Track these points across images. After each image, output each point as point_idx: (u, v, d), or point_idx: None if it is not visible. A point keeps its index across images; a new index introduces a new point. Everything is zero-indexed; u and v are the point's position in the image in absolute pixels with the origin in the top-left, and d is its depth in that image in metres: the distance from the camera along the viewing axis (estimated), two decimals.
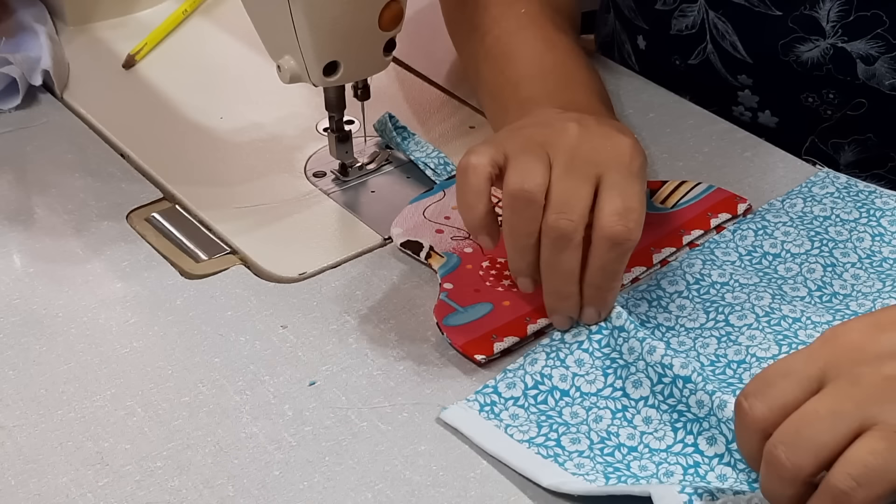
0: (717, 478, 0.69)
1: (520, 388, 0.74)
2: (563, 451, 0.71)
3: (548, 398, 0.74)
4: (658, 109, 1.01)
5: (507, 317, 0.79)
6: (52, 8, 1.14)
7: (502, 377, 0.75)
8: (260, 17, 0.87)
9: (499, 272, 0.83)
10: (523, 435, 0.72)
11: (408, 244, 0.86)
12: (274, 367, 0.77)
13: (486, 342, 0.77)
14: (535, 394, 0.74)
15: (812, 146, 1.02)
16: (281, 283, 0.84)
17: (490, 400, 0.74)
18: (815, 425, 0.59)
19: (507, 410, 0.73)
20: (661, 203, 0.89)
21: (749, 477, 0.69)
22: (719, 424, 0.71)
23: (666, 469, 0.70)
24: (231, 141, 1.00)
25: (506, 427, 0.72)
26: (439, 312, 0.80)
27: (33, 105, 1.04)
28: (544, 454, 0.71)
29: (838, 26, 0.95)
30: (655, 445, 0.71)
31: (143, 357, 0.78)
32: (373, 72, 0.89)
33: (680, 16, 1.04)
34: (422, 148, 0.95)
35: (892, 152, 1.00)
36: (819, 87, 0.99)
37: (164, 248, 0.88)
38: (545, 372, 0.75)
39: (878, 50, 0.94)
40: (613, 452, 0.71)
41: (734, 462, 0.69)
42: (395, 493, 0.69)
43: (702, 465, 0.70)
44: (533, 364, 0.75)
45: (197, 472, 0.71)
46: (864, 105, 0.98)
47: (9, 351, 0.79)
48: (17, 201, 0.93)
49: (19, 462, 0.71)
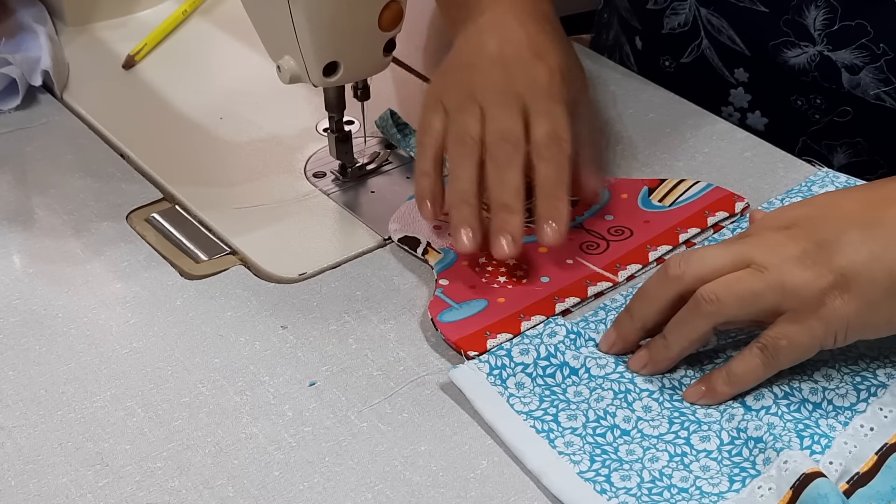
0: (701, 468, 0.69)
1: (532, 355, 0.75)
2: (557, 427, 0.72)
3: (556, 373, 0.75)
4: (658, 109, 1.01)
5: (502, 313, 0.79)
6: (51, 8, 1.14)
7: (518, 341, 0.76)
8: (260, 18, 0.87)
9: (495, 268, 0.83)
10: (524, 406, 0.73)
11: (405, 240, 0.86)
12: (274, 367, 0.77)
13: (479, 338, 0.77)
14: (545, 365, 0.75)
15: (805, 147, 1.02)
16: (281, 284, 0.84)
17: (501, 363, 0.74)
18: (708, 252, 0.73)
19: (514, 377, 0.74)
20: (660, 201, 0.89)
21: (731, 472, 0.69)
22: (720, 431, 0.71)
23: (652, 455, 0.70)
24: (231, 141, 1.00)
25: (509, 396, 0.73)
26: (434, 308, 0.80)
27: (33, 105, 1.04)
28: (538, 428, 0.72)
29: (824, 34, 0.95)
30: (648, 431, 0.72)
31: (143, 357, 0.78)
32: (373, 72, 0.89)
33: (672, 14, 1.04)
34: None
35: (881, 159, 1.00)
36: (807, 91, 0.99)
37: (164, 249, 0.88)
38: (560, 347, 0.76)
39: (863, 60, 0.94)
40: (605, 433, 0.72)
41: (721, 458, 0.70)
42: (395, 494, 0.69)
43: (688, 455, 0.70)
44: (552, 336, 0.76)
45: (197, 473, 0.71)
46: (850, 113, 0.98)
47: (9, 351, 0.79)
48: (17, 201, 0.93)
49: (19, 462, 0.71)
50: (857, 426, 0.71)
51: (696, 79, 1.05)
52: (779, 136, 1.00)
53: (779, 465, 0.67)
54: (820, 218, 0.73)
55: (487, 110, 0.83)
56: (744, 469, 0.69)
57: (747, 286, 0.71)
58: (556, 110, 0.84)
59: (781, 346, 0.71)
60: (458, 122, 0.83)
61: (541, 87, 0.85)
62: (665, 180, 0.91)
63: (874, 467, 0.68)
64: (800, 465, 0.66)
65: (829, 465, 0.69)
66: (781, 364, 0.72)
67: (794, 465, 0.67)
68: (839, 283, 0.70)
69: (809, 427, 0.71)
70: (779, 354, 0.71)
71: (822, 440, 0.70)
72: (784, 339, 0.71)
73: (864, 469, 0.69)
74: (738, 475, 0.69)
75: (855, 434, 0.70)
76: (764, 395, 0.73)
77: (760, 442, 0.69)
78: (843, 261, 0.70)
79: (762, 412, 0.72)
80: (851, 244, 0.71)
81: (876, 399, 0.72)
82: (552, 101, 0.84)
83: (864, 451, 0.70)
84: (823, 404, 0.72)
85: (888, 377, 0.73)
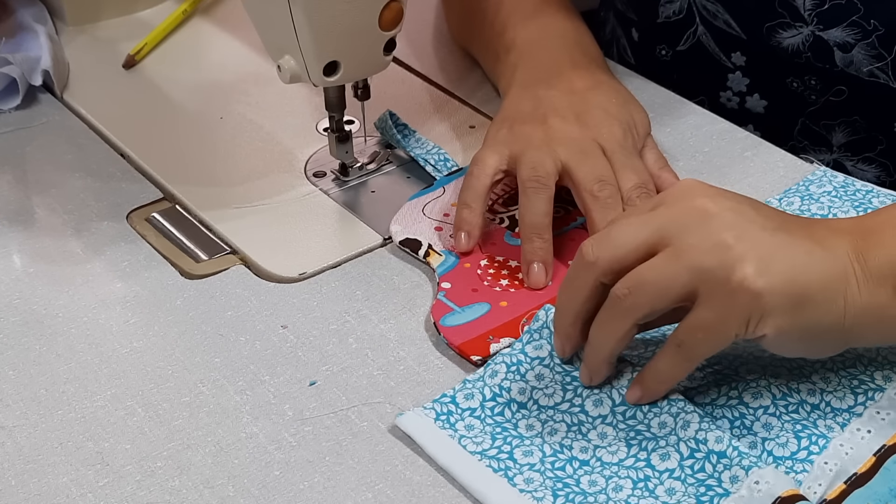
0: (666, 492, 0.68)
1: (478, 399, 0.73)
2: (514, 465, 0.70)
3: (504, 410, 0.73)
4: (658, 109, 1.01)
5: (504, 318, 0.79)
6: (52, 8, 1.14)
7: (461, 387, 0.74)
8: (260, 17, 0.87)
9: (497, 271, 0.83)
10: (476, 447, 0.71)
11: (406, 242, 0.86)
12: (274, 367, 0.77)
13: (482, 343, 0.77)
14: (492, 406, 0.73)
15: (804, 128, 1.03)
16: (281, 283, 0.84)
17: (447, 409, 0.73)
18: (622, 228, 0.69)
19: (462, 421, 0.73)
20: None
21: (698, 491, 0.68)
22: (678, 443, 0.70)
23: (615, 484, 0.69)
24: (231, 141, 1.00)
25: (460, 438, 0.71)
26: (437, 312, 0.80)
27: (33, 105, 1.04)
28: (495, 467, 0.70)
29: (814, 14, 0.95)
30: (608, 459, 0.70)
31: (144, 357, 0.78)
32: (373, 72, 0.89)
33: (667, 2, 1.05)
34: (422, 145, 0.95)
35: (880, 135, 1.01)
36: (801, 73, 1.00)
37: (165, 248, 0.88)
38: (504, 385, 0.74)
39: (854, 37, 0.95)
40: (564, 466, 0.70)
41: (685, 477, 0.68)
42: (396, 493, 0.69)
43: (651, 478, 0.69)
44: (493, 377, 0.74)
45: (197, 472, 0.71)
46: (845, 92, 0.99)
47: (9, 351, 0.79)
48: (17, 201, 0.93)
49: (19, 462, 0.71)
50: (854, 429, 0.71)
51: (693, 66, 1.06)
52: (778, 118, 1.01)
53: (749, 486, 0.66)
54: None
55: (570, 156, 0.85)
56: (710, 487, 0.67)
57: (660, 272, 0.67)
58: (638, 165, 0.87)
59: (698, 339, 0.68)
60: (535, 159, 0.84)
61: (618, 142, 0.87)
62: None
63: (872, 468, 0.68)
64: (773, 486, 0.65)
65: (823, 466, 0.68)
66: (701, 356, 0.69)
67: (766, 488, 0.65)
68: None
69: (807, 428, 0.71)
70: (696, 347, 0.68)
71: (819, 441, 0.70)
72: (699, 330, 0.67)
73: (862, 470, 0.68)
74: (705, 494, 0.67)
75: (852, 437, 0.70)
76: (762, 395, 0.72)
77: (724, 457, 0.68)
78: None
79: (760, 411, 0.71)
80: None
81: (873, 403, 0.72)
82: (633, 156, 0.87)
83: (861, 452, 0.69)
84: (822, 406, 0.72)
85: (886, 380, 0.73)
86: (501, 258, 0.84)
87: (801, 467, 0.69)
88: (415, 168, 0.94)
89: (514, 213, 0.88)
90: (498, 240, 0.86)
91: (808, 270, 0.67)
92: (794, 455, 0.69)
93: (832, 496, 0.67)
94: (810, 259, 0.67)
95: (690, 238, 0.67)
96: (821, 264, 0.67)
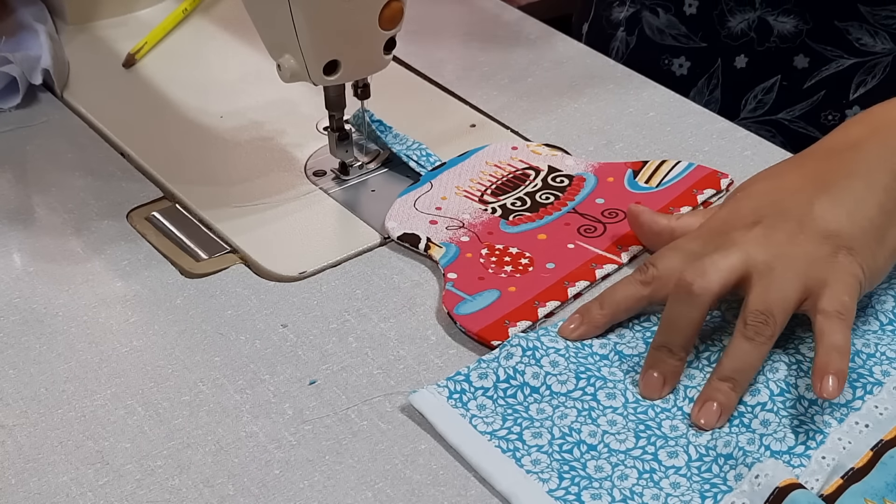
0: (671, 485, 0.69)
1: (491, 379, 0.74)
2: (523, 445, 0.71)
3: (517, 393, 0.74)
4: (658, 109, 1.01)
5: (517, 302, 0.80)
6: (52, 7, 1.14)
7: (475, 367, 0.75)
8: (260, 16, 0.87)
9: (499, 258, 0.84)
10: (487, 426, 0.72)
11: (405, 237, 0.86)
12: (274, 365, 0.78)
13: (500, 328, 0.78)
14: (505, 387, 0.74)
15: None
16: (281, 282, 0.84)
17: (460, 388, 0.74)
18: (712, 266, 0.74)
19: (475, 400, 0.73)
20: (646, 182, 0.90)
21: (702, 488, 0.68)
22: (688, 445, 0.70)
23: (621, 472, 0.69)
24: (231, 140, 1.00)
25: (471, 417, 0.72)
26: (449, 302, 0.80)
27: (33, 104, 1.04)
28: (504, 448, 0.71)
29: None
30: (615, 446, 0.71)
31: (144, 356, 0.78)
32: (373, 71, 0.89)
33: None
34: (401, 141, 0.94)
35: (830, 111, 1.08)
36: None
37: (165, 247, 0.88)
38: (518, 367, 0.75)
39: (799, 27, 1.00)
40: (572, 450, 0.71)
41: (690, 475, 0.69)
42: (396, 492, 0.69)
43: (657, 471, 0.69)
44: (508, 358, 0.75)
45: (197, 471, 0.71)
46: None
47: (9, 350, 0.79)
48: (17, 200, 0.93)
49: (19, 461, 0.71)
50: (852, 423, 0.71)
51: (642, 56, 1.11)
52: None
53: (750, 480, 0.67)
54: (779, 203, 0.77)
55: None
56: (715, 485, 0.68)
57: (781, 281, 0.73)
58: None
59: (846, 303, 0.73)
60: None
61: None
62: (647, 162, 0.92)
63: (869, 463, 0.68)
64: (772, 478, 0.66)
65: (821, 461, 0.69)
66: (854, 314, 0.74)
67: (766, 480, 0.66)
68: (839, 246, 0.74)
69: (805, 423, 0.71)
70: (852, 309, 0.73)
71: (816, 436, 0.70)
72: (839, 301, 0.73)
73: (859, 465, 0.69)
74: (710, 491, 0.68)
75: (850, 430, 0.70)
76: (760, 390, 0.72)
77: (731, 458, 0.69)
78: (832, 225, 0.74)
79: (758, 408, 0.72)
80: (827, 210, 0.75)
81: (871, 396, 0.72)
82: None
83: (858, 447, 0.70)
84: (819, 400, 0.72)
85: (884, 374, 0.73)
86: (501, 246, 0.85)
87: (799, 462, 0.69)
88: None
89: (504, 202, 0.89)
90: (494, 229, 0.86)
91: None
92: (791, 450, 0.70)
93: (829, 491, 0.67)
94: None
95: (774, 250, 0.75)
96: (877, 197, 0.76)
